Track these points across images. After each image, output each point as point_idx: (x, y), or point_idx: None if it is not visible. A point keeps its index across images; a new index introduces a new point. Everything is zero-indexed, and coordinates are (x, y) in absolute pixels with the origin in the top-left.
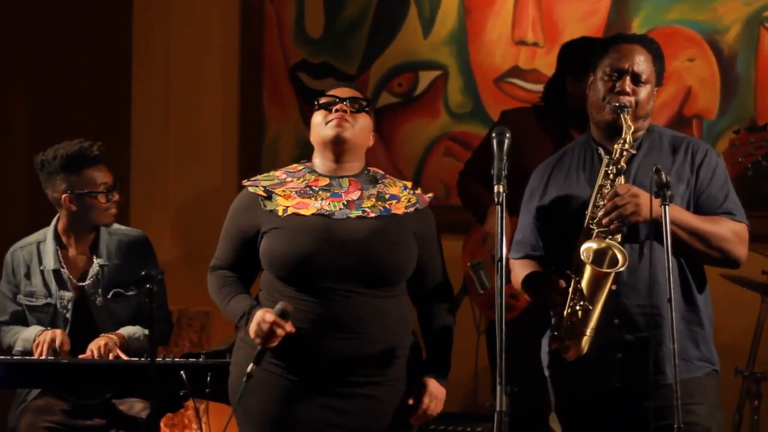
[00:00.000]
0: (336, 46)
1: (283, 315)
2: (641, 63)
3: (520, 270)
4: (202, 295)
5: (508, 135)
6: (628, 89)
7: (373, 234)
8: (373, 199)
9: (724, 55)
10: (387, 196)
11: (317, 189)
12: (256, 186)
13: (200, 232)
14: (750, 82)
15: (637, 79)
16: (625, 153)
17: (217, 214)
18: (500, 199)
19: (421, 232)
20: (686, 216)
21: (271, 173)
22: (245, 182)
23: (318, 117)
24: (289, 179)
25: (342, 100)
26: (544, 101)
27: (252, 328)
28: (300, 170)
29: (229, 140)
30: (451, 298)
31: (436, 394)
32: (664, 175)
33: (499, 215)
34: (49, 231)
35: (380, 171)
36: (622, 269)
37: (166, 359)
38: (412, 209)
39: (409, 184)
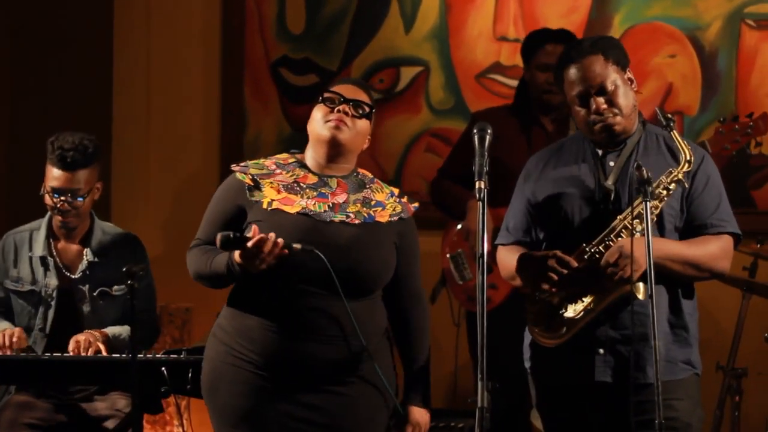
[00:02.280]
0: (317, 42)
1: (227, 242)
2: (598, 74)
3: (508, 256)
4: (184, 292)
5: (489, 131)
6: (603, 106)
7: (354, 241)
8: (359, 205)
9: (705, 52)
10: (372, 203)
11: (305, 186)
12: (245, 174)
13: (181, 229)
14: (731, 78)
15: (603, 91)
16: (673, 185)
17: (199, 210)
18: (481, 195)
19: (402, 242)
20: (676, 248)
21: (261, 161)
22: (234, 167)
23: (318, 112)
24: (278, 171)
25: (347, 101)
26: (514, 98)
27: (240, 260)
28: (290, 163)
29: (210, 136)
30: (426, 311)
31: (420, 421)
32: (645, 171)
33: (480, 211)
34: (44, 220)
35: (369, 174)
36: (638, 297)
37: (148, 355)
38: (396, 218)
39: (396, 191)
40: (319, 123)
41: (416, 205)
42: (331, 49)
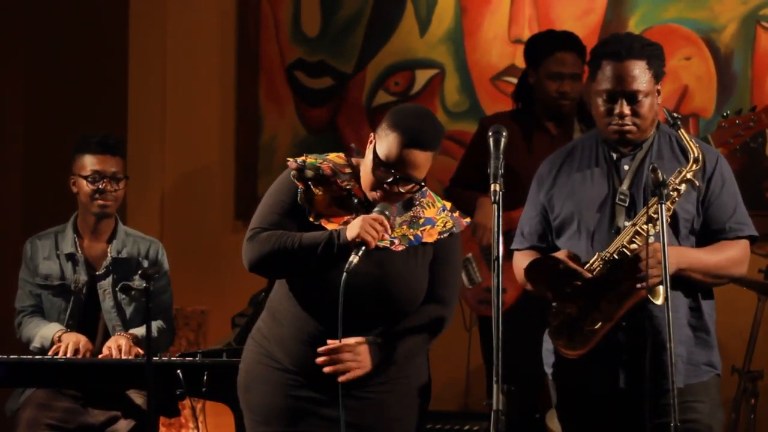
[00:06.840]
0: (333, 44)
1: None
2: (636, 81)
3: (523, 261)
4: (199, 294)
5: (504, 134)
6: (626, 112)
7: (394, 269)
8: (405, 227)
9: (720, 54)
10: (421, 221)
11: (356, 202)
12: (299, 180)
13: (196, 232)
14: (746, 80)
15: (633, 98)
16: (683, 185)
17: (214, 213)
18: (497, 197)
19: (443, 255)
20: (697, 258)
21: (318, 162)
22: (291, 163)
23: (370, 171)
24: (333, 179)
25: (396, 180)
26: (516, 101)
27: (358, 226)
28: (347, 173)
29: (225, 139)
30: (444, 319)
31: (360, 350)
32: (660, 174)
33: (496, 214)
34: (69, 222)
35: None
36: (655, 302)
37: (163, 358)
38: (446, 234)
39: (448, 205)
40: (367, 180)
41: (468, 220)
42: (347, 51)
